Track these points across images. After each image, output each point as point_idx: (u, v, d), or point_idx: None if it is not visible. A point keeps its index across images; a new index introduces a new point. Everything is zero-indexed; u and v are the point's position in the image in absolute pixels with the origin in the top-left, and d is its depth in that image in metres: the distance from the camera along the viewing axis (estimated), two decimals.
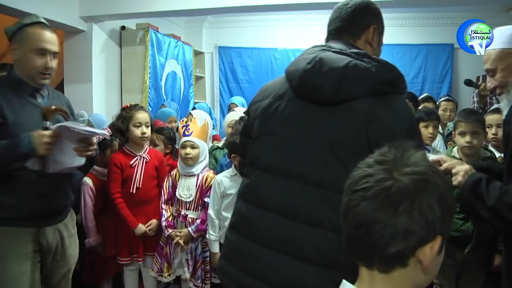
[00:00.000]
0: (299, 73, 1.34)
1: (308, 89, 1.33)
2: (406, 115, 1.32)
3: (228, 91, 6.80)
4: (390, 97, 1.30)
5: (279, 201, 1.33)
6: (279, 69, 6.75)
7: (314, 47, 1.44)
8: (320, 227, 1.25)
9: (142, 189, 2.85)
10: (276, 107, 1.41)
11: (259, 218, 1.36)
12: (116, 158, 2.85)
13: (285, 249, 1.28)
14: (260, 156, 1.43)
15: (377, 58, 1.32)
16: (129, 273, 2.97)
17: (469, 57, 6.11)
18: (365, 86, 1.26)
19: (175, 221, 2.82)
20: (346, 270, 1.19)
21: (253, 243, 1.35)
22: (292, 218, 1.29)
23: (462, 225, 2.35)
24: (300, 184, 1.30)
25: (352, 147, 1.25)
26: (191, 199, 2.75)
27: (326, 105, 1.29)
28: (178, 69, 5.71)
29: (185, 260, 2.75)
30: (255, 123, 1.48)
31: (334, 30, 1.51)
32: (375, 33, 1.48)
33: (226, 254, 1.47)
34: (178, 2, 4.31)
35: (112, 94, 4.94)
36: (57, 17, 4.07)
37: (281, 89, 1.44)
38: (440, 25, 6.25)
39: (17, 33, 1.96)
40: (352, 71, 1.26)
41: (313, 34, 6.48)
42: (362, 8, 1.48)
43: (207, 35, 6.95)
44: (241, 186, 1.52)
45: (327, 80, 1.27)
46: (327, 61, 1.29)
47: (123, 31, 5.05)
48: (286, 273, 1.27)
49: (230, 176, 2.55)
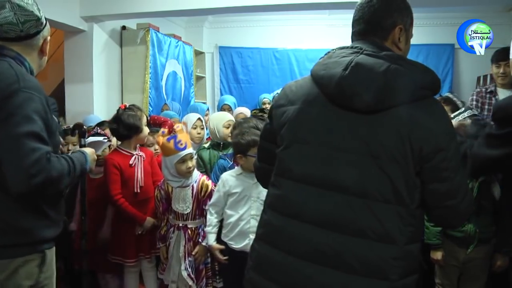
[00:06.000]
0: (336, 80, 1.26)
1: (347, 96, 1.25)
2: (445, 118, 1.29)
3: (228, 91, 6.79)
4: (429, 101, 1.27)
5: (317, 212, 1.28)
6: (280, 69, 6.76)
7: (342, 48, 1.35)
8: (363, 237, 1.22)
9: (144, 187, 2.86)
10: (308, 114, 1.34)
11: (295, 230, 1.31)
12: (114, 159, 2.82)
13: (327, 261, 1.25)
14: (293, 165, 1.35)
15: (413, 62, 1.28)
16: (130, 274, 2.96)
17: (469, 57, 6.11)
18: (407, 92, 1.22)
19: (173, 234, 2.72)
20: (389, 279, 1.21)
21: (290, 256, 1.30)
22: (332, 229, 1.25)
23: (464, 226, 2.36)
24: (340, 194, 1.26)
25: (394, 155, 1.21)
26: (188, 211, 2.68)
27: (366, 113, 1.24)
28: (178, 69, 5.71)
29: (187, 275, 2.64)
30: (284, 130, 1.39)
31: (357, 32, 1.41)
32: (402, 32, 1.39)
33: (257, 267, 1.40)
34: (178, 2, 4.31)
35: (112, 94, 4.93)
36: (57, 17, 4.06)
37: (311, 94, 1.36)
38: (440, 25, 6.25)
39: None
40: (393, 77, 1.21)
41: (315, 34, 6.56)
42: (386, 6, 1.37)
43: (208, 35, 6.95)
44: (268, 196, 1.45)
45: (367, 87, 1.21)
46: (365, 67, 1.23)
47: (124, 31, 5.05)
48: (329, 286, 1.24)
49: (236, 175, 2.53)
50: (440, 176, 1.24)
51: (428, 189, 1.26)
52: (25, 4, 1.61)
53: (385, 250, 1.21)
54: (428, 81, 1.26)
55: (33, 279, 1.61)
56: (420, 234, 1.33)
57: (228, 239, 2.50)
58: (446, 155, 1.23)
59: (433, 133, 1.22)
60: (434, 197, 1.27)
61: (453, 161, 1.26)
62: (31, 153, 1.46)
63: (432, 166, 1.23)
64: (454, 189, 1.27)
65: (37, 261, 1.63)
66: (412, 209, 1.24)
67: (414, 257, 1.27)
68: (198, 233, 2.70)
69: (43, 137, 1.53)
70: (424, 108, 1.24)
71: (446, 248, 2.43)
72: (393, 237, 1.21)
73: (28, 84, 1.53)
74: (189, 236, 2.68)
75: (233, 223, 2.48)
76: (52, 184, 1.54)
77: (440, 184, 1.25)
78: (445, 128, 1.26)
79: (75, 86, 4.62)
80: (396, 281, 1.21)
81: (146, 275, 2.99)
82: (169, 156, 2.62)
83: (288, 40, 6.58)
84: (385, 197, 1.22)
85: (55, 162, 1.54)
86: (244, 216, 2.44)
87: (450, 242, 2.42)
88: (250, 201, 2.44)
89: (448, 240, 2.42)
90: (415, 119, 1.21)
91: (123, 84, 5.08)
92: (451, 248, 2.42)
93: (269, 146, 1.49)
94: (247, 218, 2.44)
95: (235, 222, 2.47)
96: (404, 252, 1.23)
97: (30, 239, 1.60)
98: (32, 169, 1.45)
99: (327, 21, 6.43)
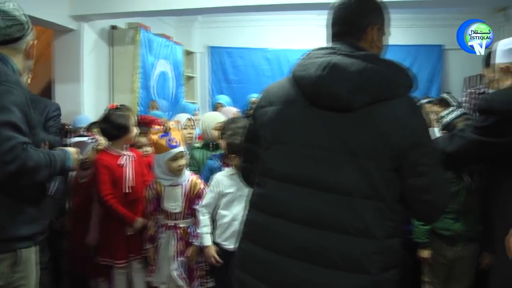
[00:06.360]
0: (313, 80, 1.30)
1: (325, 96, 1.29)
2: (421, 113, 1.34)
3: (219, 92, 6.76)
4: (405, 98, 1.30)
5: (300, 210, 1.31)
6: (271, 69, 6.77)
7: (319, 49, 1.39)
8: (344, 233, 1.25)
9: (135, 187, 2.85)
10: (288, 114, 1.38)
11: (280, 228, 1.33)
12: (104, 160, 2.80)
13: (310, 258, 1.27)
14: (275, 165, 1.38)
15: (388, 61, 1.32)
16: (119, 276, 2.93)
17: (458, 58, 6.21)
18: (382, 90, 1.26)
19: (163, 234, 2.70)
20: (370, 272, 1.24)
21: (276, 254, 1.32)
22: (315, 227, 1.28)
23: (452, 225, 2.39)
24: (321, 192, 1.29)
25: (372, 152, 1.25)
26: (179, 210, 2.67)
27: (343, 112, 1.27)
28: (168, 69, 5.69)
29: (178, 275, 2.62)
30: (265, 131, 1.43)
31: (334, 34, 1.44)
32: (378, 32, 1.42)
33: (243, 266, 1.43)
34: (169, 1, 4.31)
35: (102, 94, 4.90)
36: (46, 16, 4.04)
37: (291, 95, 1.39)
38: (429, 27, 6.31)
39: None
40: (369, 76, 1.25)
41: (305, 35, 6.56)
42: (361, 7, 1.41)
43: (198, 35, 6.93)
44: (253, 195, 1.47)
45: (343, 87, 1.25)
46: (341, 67, 1.27)
47: (114, 31, 5.02)
48: (313, 281, 1.26)
49: (229, 175, 2.53)
50: (418, 171, 1.28)
51: (407, 184, 1.29)
52: (9, 9, 1.65)
53: (365, 245, 1.25)
54: (404, 79, 1.31)
55: (2, 279, 1.58)
56: (401, 229, 1.35)
57: (222, 239, 2.50)
58: (423, 150, 1.28)
59: (410, 129, 1.26)
60: (413, 192, 1.31)
61: (431, 157, 1.30)
62: (6, 141, 1.47)
63: (410, 162, 1.27)
64: (432, 184, 1.31)
65: (9, 261, 1.59)
66: (391, 204, 1.28)
67: (395, 251, 1.31)
68: (189, 233, 2.69)
69: (21, 128, 1.54)
70: (401, 105, 1.27)
71: (434, 247, 2.46)
72: (373, 232, 1.25)
73: (8, 78, 1.56)
74: (180, 235, 2.67)
75: (227, 223, 2.48)
76: (27, 173, 1.54)
77: (418, 179, 1.29)
78: (421, 124, 1.30)
79: (64, 86, 4.59)
80: (377, 274, 1.25)
81: (135, 276, 2.94)
82: (161, 154, 2.62)
83: (279, 41, 6.60)
84: (365, 193, 1.25)
85: (31, 153, 1.54)
86: (237, 216, 2.43)
87: (438, 240, 2.45)
88: (243, 201, 2.44)
89: (437, 239, 2.45)
90: (392, 116, 1.25)
91: (113, 84, 5.05)
92: (439, 246, 2.45)
93: (252, 146, 1.51)
94: (240, 218, 2.43)
95: (229, 222, 2.48)
96: (385, 247, 1.26)
97: (1, 236, 1.58)
98: (6, 156, 1.47)
99: (316, 22, 6.44)
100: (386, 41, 1.47)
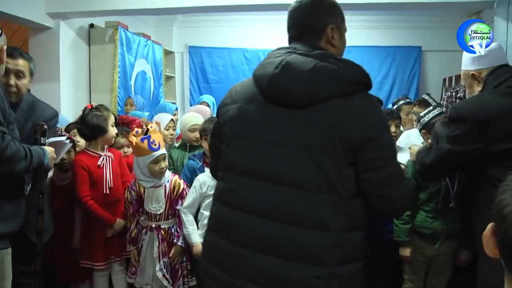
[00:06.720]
0: (268, 78, 1.36)
1: (278, 93, 1.35)
2: (376, 110, 1.37)
3: (198, 91, 6.75)
4: (359, 94, 1.34)
5: (259, 203, 1.36)
6: (250, 69, 6.70)
7: (279, 49, 1.45)
8: (299, 225, 1.30)
9: (114, 188, 2.80)
10: (248, 111, 1.43)
11: (240, 221, 1.39)
12: (82, 161, 2.75)
13: (268, 249, 1.32)
14: (235, 160, 1.44)
15: (342, 59, 1.37)
16: (99, 278, 2.88)
17: (436, 59, 6.33)
18: (333, 87, 1.30)
19: (145, 235, 2.67)
20: (326, 264, 1.27)
21: (236, 246, 1.38)
22: (272, 219, 1.33)
23: (432, 223, 2.43)
24: (277, 186, 1.33)
25: (324, 147, 1.29)
26: (161, 211, 2.64)
27: (297, 108, 1.33)
28: (147, 69, 5.63)
29: (162, 276, 2.60)
30: (226, 127, 1.49)
31: (293, 37, 1.50)
32: (334, 31, 1.45)
33: (209, 257, 1.49)
34: (148, 0, 4.26)
35: (80, 94, 4.81)
36: (22, 13, 3.93)
37: (251, 93, 1.45)
38: (408, 28, 6.40)
39: None
40: (320, 74, 1.29)
41: (284, 35, 6.55)
42: (314, 9, 1.45)
43: (178, 34, 6.88)
44: (216, 190, 1.53)
45: (296, 84, 1.30)
46: (294, 65, 1.32)
47: (92, 29, 4.93)
48: (271, 272, 1.31)
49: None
50: (371, 166, 1.32)
51: (361, 179, 1.33)
52: None
53: (320, 237, 1.28)
54: (357, 76, 1.34)
55: None
56: (362, 223, 1.38)
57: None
58: (376, 145, 1.31)
59: (361, 124, 1.29)
60: (367, 186, 1.34)
61: (384, 152, 1.33)
62: None
63: (363, 157, 1.30)
64: (385, 179, 1.34)
65: None
66: (345, 198, 1.30)
67: (354, 245, 1.33)
68: (171, 233, 2.66)
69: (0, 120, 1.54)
70: (353, 101, 1.31)
71: (414, 245, 2.49)
72: (327, 225, 1.29)
73: None
74: (162, 236, 2.64)
75: None
76: (5, 162, 1.55)
77: (372, 174, 1.32)
78: (374, 120, 1.33)
79: (41, 85, 4.46)
80: (334, 267, 1.28)
81: (116, 278, 2.91)
82: (142, 157, 2.58)
83: (258, 41, 6.59)
84: (318, 187, 1.29)
85: (9, 143, 1.55)
86: None
87: (418, 238, 2.48)
88: None
89: (416, 237, 2.48)
90: (343, 111, 1.29)
91: (91, 84, 4.96)
92: (419, 244, 2.48)
93: (218, 143, 1.55)
94: None
95: None
96: (341, 240, 1.29)
97: None
98: None
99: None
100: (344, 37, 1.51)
